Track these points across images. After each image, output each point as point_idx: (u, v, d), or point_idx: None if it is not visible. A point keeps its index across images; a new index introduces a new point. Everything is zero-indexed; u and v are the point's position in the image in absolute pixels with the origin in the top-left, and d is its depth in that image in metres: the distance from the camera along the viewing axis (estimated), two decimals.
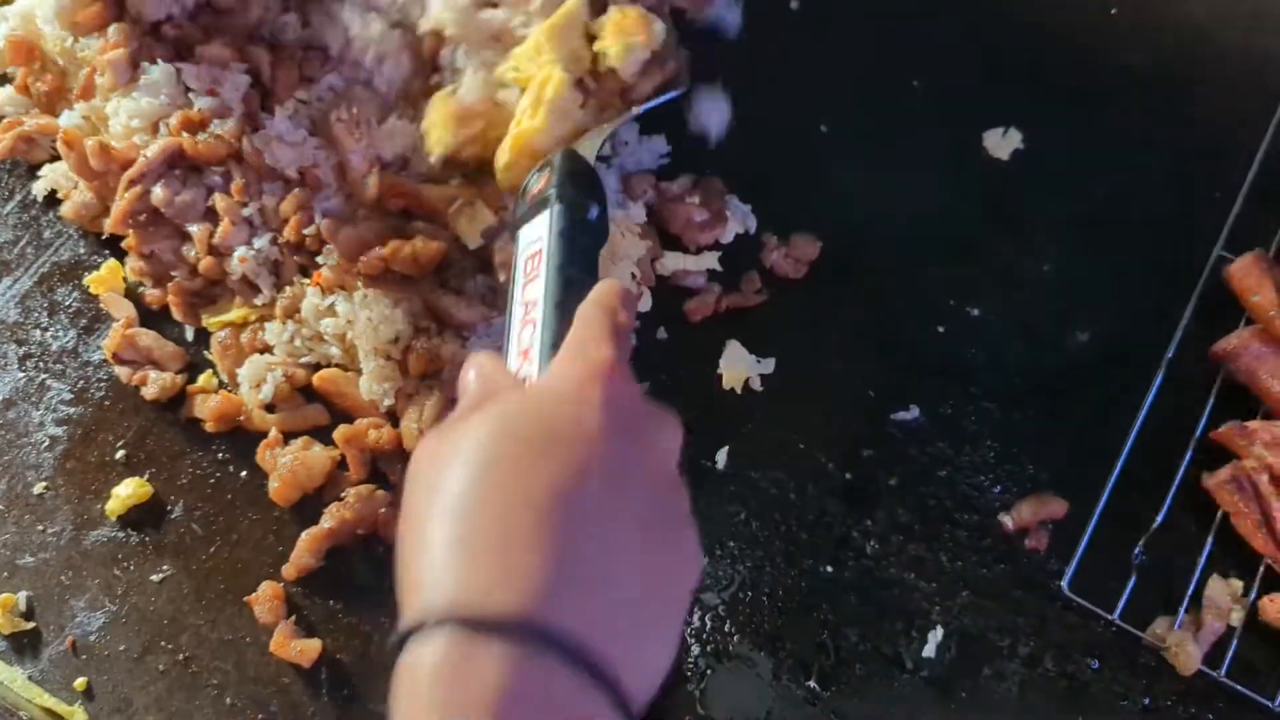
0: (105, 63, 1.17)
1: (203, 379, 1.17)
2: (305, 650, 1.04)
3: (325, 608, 1.08)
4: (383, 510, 1.09)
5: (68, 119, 1.23)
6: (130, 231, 1.17)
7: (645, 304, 1.19)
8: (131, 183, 1.14)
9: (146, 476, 1.13)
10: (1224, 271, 1.18)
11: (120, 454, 1.14)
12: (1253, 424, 1.09)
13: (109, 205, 1.18)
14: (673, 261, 1.20)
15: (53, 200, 1.29)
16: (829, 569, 1.09)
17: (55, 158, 1.27)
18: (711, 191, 1.21)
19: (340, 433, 1.10)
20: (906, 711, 1.04)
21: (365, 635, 1.07)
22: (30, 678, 1.06)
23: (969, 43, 1.35)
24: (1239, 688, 1.03)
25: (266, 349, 1.16)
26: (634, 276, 1.17)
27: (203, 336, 1.19)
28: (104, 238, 1.25)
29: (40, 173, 1.28)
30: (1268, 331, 1.13)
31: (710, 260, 1.21)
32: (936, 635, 1.07)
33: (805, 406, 1.16)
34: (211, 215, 1.16)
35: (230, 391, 1.15)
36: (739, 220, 1.23)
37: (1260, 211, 1.23)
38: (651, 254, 1.19)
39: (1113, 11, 1.37)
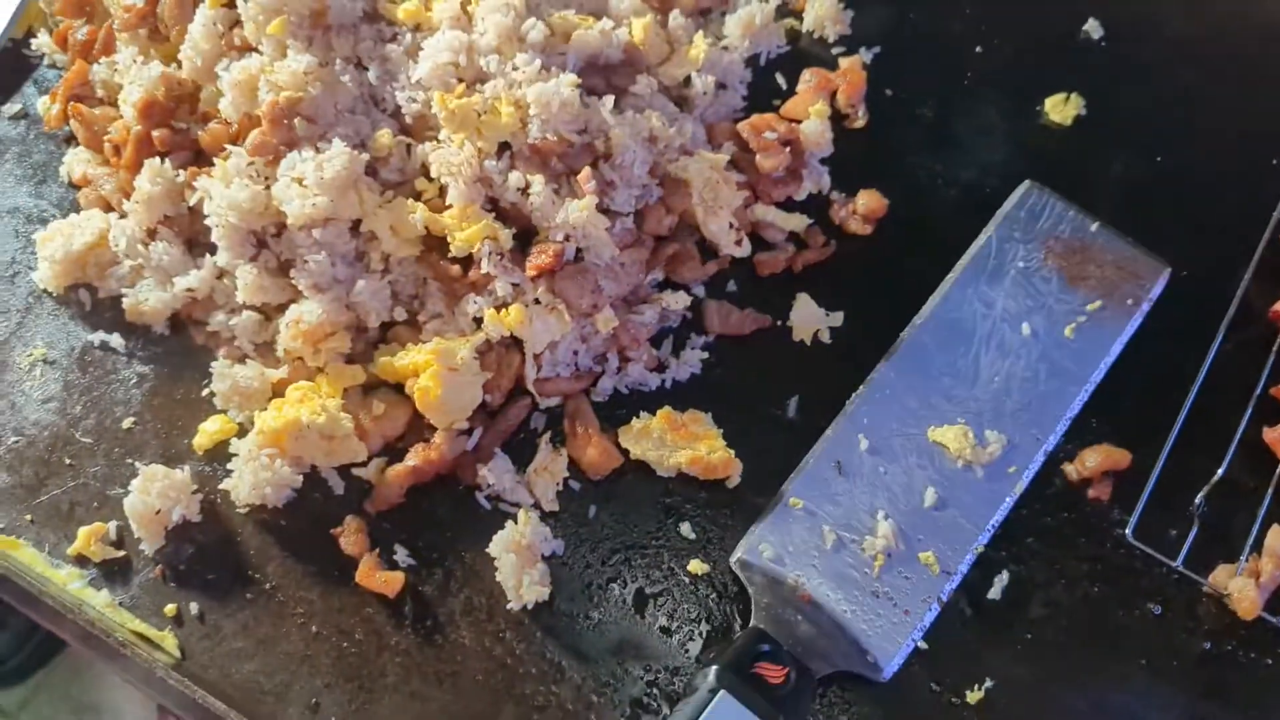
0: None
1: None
2: (390, 581, 1.07)
3: (408, 542, 1.11)
4: (464, 452, 1.12)
5: (98, 71, 1.28)
6: None
7: (745, 249, 1.22)
8: None
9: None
10: None
11: (205, 392, 1.17)
12: None
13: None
14: (764, 213, 1.22)
15: None
16: None
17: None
18: (795, 149, 1.24)
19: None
20: (971, 651, 1.06)
21: (446, 569, 1.10)
22: (120, 604, 1.09)
23: (1030, 11, 1.38)
24: None
25: None
26: (732, 225, 1.20)
27: None
28: None
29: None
30: None
31: (800, 220, 1.24)
32: (1003, 579, 1.09)
33: (873, 358, 1.18)
34: None
35: None
36: (814, 179, 1.26)
37: None
38: (747, 202, 1.22)
39: None
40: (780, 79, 1.34)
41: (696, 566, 1.10)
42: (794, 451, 1.15)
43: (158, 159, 1.19)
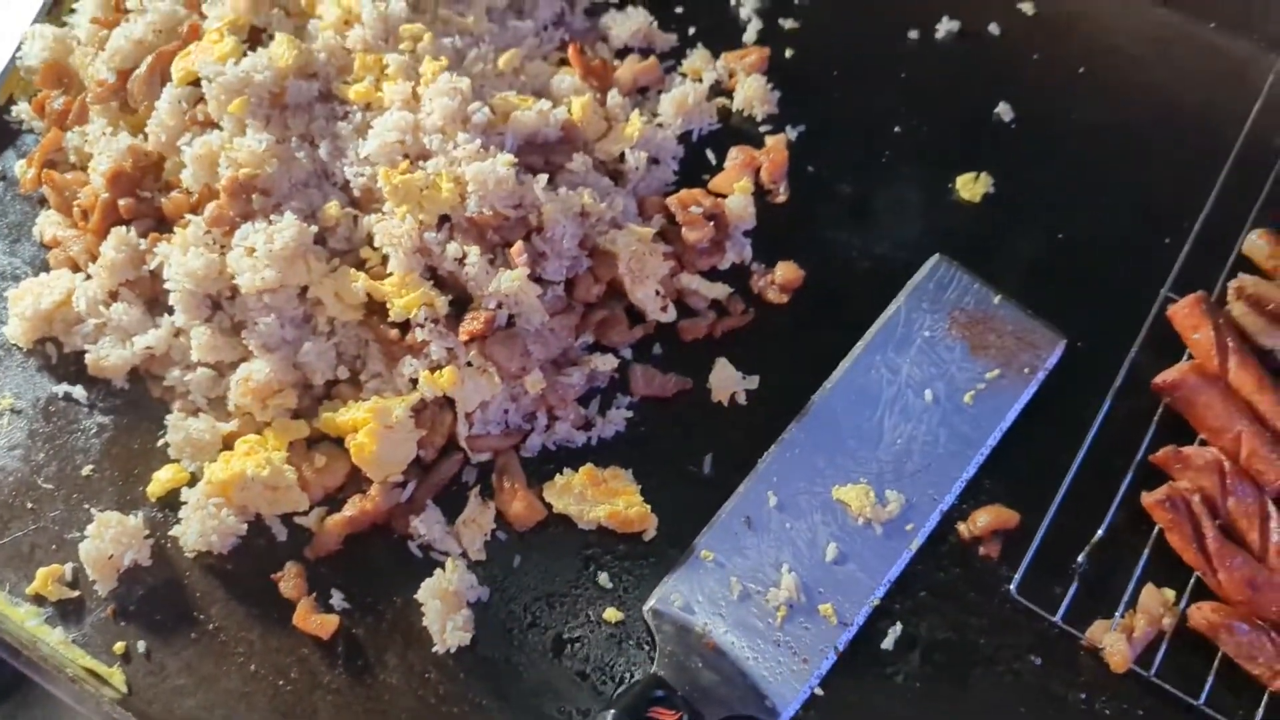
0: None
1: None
2: (324, 624, 1.15)
3: (344, 587, 1.19)
4: (398, 504, 1.21)
5: (71, 139, 1.38)
6: None
7: (670, 315, 1.31)
8: None
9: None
10: (1169, 311, 1.30)
11: (161, 442, 1.26)
12: (1187, 449, 1.21)
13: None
14: (689, 282, 1.31)
15: None
16: None
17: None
18: (720, 222, 1.33)
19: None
20: (864, 698, 1.14)
21: (378, 613, 1.18)
22: (74, 640, 1.17)
23: (946, 94, 1.48)
24: (1167, 686, 1.14)
25: None
26: (658, 292, 1.29)
27: None
28: None
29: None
30: (1204, 368, 1.25)
31: (722, 289, 1.33)
32: (896, 630, 1.18)
33: (786, 419, 1.27)
34: None
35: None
36: (736, 250, 1.35)
37: (1206, 258, 1.35)
38: (673, 271, 1.31)
39: (1080, 70, 1.50)
40: (710, 154, 1.44)
41: (611, 614, 1.18)
42: (708, 506, 1.23)
43: (123, 227, 1.28)
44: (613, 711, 1.05)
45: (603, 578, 1.20)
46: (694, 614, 1.17)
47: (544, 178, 1.26)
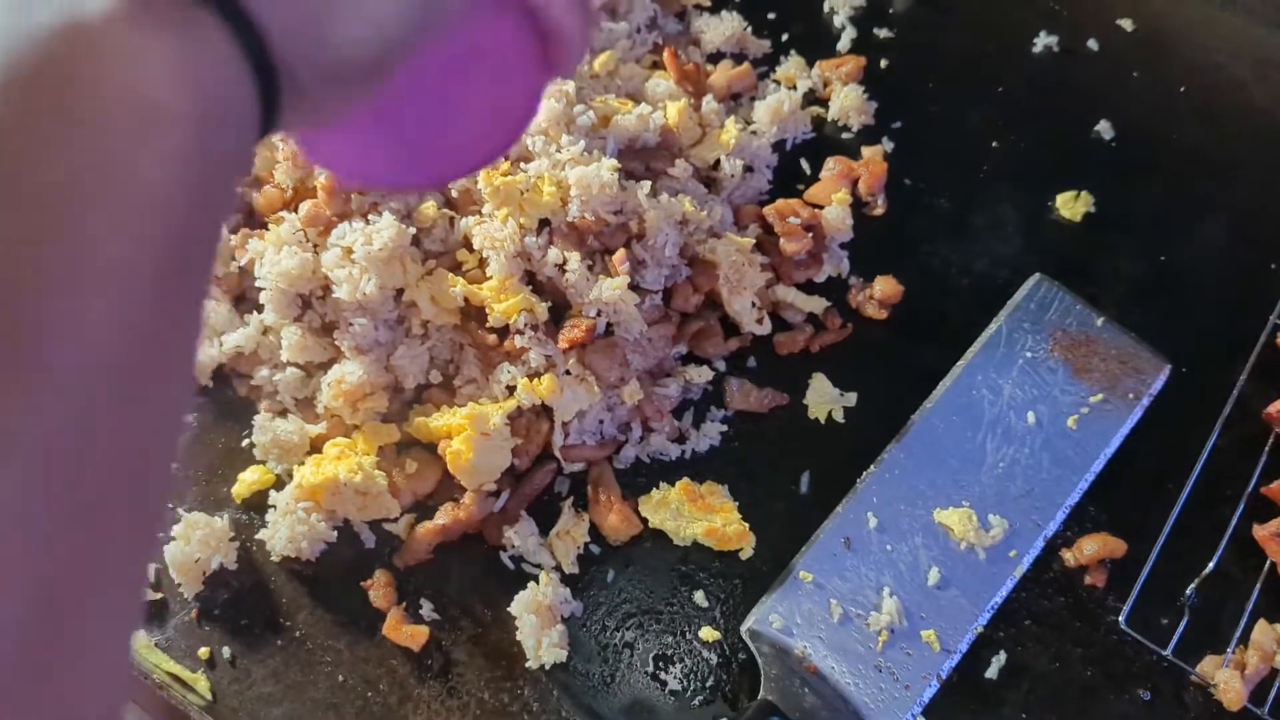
0: None
1: None
2: (415, 635, 1.13)
3: (432, 598, 1.16)
4: (490, 513, 1.18)
5: None
6: None
7: (766, 328, 1.28)
8: None
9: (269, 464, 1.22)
10: (1278, 338, 1.27)
11: (246, 442, 1.23)
12: None
13: None
14: (785, 294, 1.29)
15: None
16: None
17: None
18: (817, 234, 1.30)
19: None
20: None
21: (469, 625, 1.15)
22: (157, 644, 1.14)
23: (1044, 110, 1.45)
24: None
25: None
26: (754, 304, 1.26)
27: None
28: None
29: None
30: None
31: (819, 302, 1.30)
32: (1000, 659, 1.15)
33: (884, 438, 1.24)
34: None
35: None
36: (833, 263, 1.32)
37: None
38: (769, 283, 1.28)
39: (1181, 90, 1.47)
40: (805, 164, 1.41)
41: (708, 634, 1.15)
42: (805, 526, 1.20)
43: None
44: None
45: (698, 596, 1.17)
46: (793, 636, 1.14)
47: (646, 184, 1.23)
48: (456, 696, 1.12)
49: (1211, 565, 1.18)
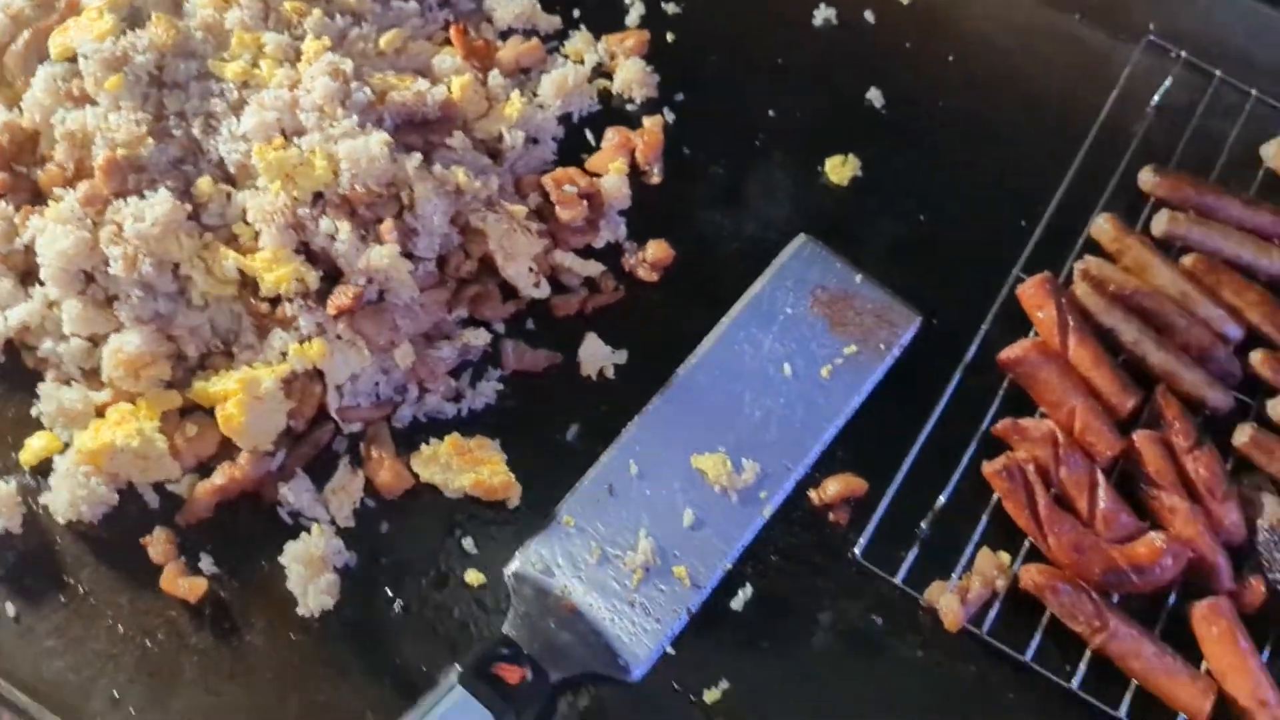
0: None
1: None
2: (193, 587, 1.19)
3: (212, 552, 1.22)
4: (268, 471, 1.24)
5: None
6: None
7: (544, 291, 1.35)
8: None
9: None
10: (1018, 290, 1.36)
11: (35, 411, 1.28)
12: (1025, 421, 1.28)
13: None
14: (563, 259, 1.35)
15: None
16: None
17: None
18: (595, 202, 1.37)
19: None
20: (712, 656, 1.20)
21: (246, 577, 1.21)
22: None
23: (820, 80, 1.53)
24: (997, 643, 1.20)
25: None
26: (532, 269, 1.33)
27: None
28: None
29: None
30: (1047, 344, 1.32)
31: (595, 266, 1.37)
32: (746, 592, 1.23)
33: (652, 393, 1.32)
34: None
35: None
36: (611, 229, 1.40)
37: (1057, 240, 1.42)
38: (548, 248, 1.35)
39: (950, 59, 1.56)
40: (590, 135, 1.48)
41: (474, 577, 1.22)
42: (572, 476, 1.28)
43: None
44: (456, 668, 1.10)
45: (467, 543, 1.24)
46: (553, 576, 1.22)
47: (417, 156, 1.29)
48: (231, 644, 1.18)
49: (943, 500, 1.27)
